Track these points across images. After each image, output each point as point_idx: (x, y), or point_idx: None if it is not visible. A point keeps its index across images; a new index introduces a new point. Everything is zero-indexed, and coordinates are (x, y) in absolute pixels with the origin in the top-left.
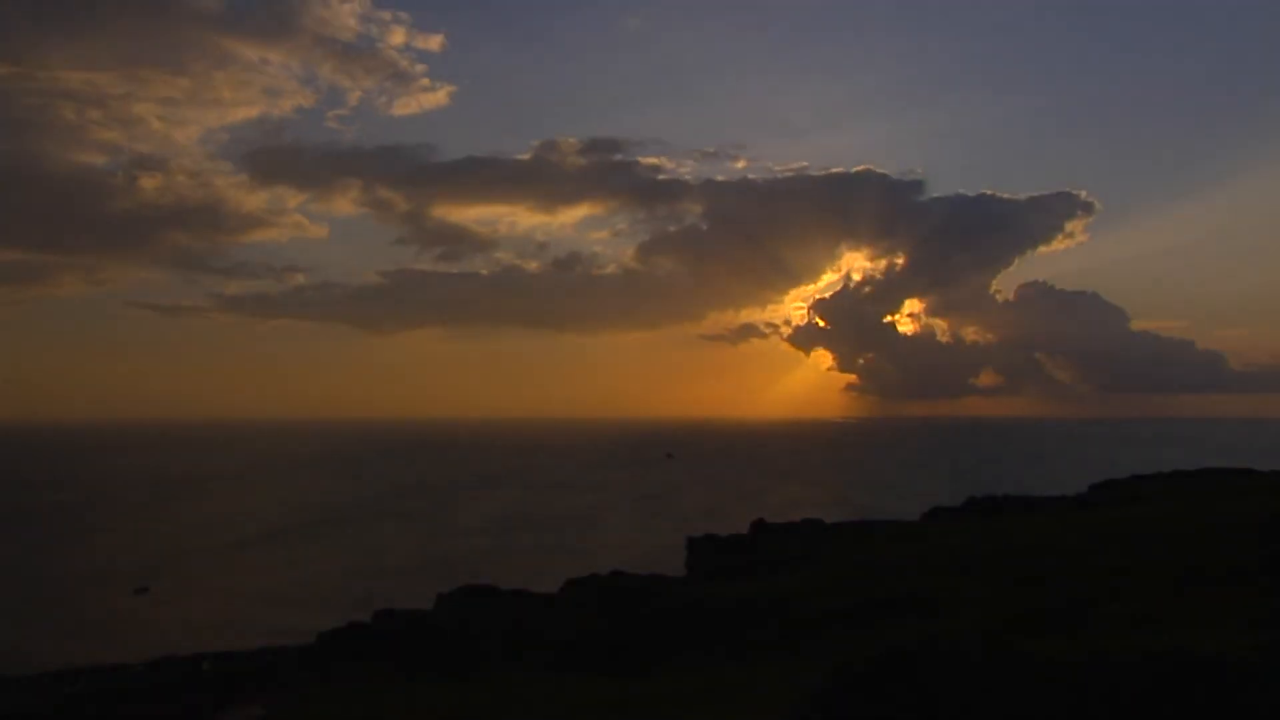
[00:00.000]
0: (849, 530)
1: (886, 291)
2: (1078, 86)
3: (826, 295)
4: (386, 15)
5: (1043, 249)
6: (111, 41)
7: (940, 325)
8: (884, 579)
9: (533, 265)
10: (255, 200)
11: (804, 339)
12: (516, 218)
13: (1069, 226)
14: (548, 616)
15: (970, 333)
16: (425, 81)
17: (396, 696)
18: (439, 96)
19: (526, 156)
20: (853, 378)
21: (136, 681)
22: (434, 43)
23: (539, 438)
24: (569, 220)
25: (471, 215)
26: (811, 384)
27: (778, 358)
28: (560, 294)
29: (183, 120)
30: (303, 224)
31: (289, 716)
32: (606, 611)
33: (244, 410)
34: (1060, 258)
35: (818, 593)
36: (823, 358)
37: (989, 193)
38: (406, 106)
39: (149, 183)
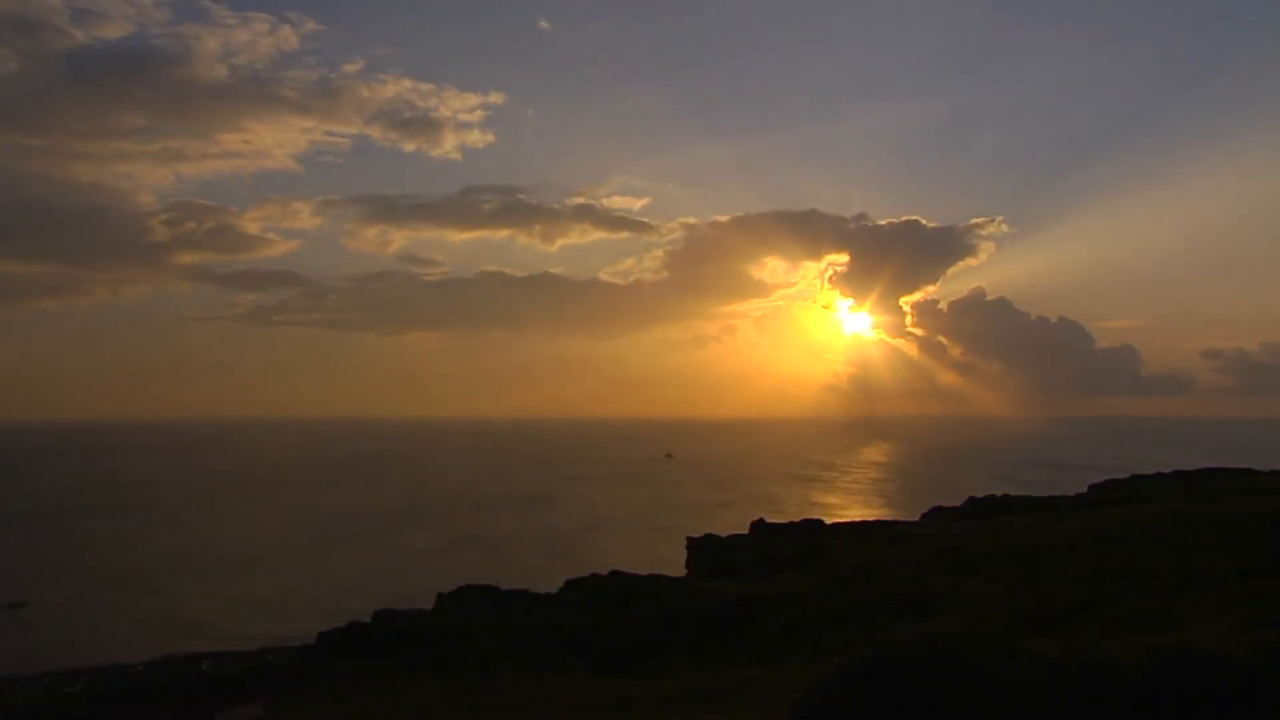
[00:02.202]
0: (849, 530)
1: (831, 303)
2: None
3: (776, 308)
4: (450, 92)
5: (963, 265)
6: (193, 120)
7: (881, 337)
8: (884, 579)
9: (515, 275)
10: (268, 223)
11: (771, 345)
12: (503, 239)
13: (982, 247)
14: (547, 616)
15: (903, 343)
16: (452, 140)
17: (396, 696)
18: (452, 152)
19: (526, 198)
20: (830, 380)
21: (136, 681)
22: (475, 116)
23: (537, 437)
24: (549, 245)
25: (460, 239)
26: (794, 384)
27: (758, 361)
28: (543, 302)
29: (228, 170)
30: (308, 242)
31: (289, 716)
32: (606, 611)
33: (248, 411)
34: (980, 271)
35: (818, 593)
36: (796, 360)
37: (913, 218)
38: (430, 156)
39: (179, 214)
